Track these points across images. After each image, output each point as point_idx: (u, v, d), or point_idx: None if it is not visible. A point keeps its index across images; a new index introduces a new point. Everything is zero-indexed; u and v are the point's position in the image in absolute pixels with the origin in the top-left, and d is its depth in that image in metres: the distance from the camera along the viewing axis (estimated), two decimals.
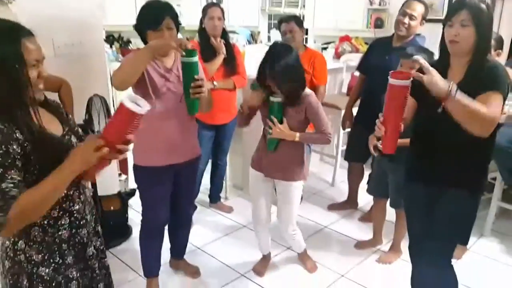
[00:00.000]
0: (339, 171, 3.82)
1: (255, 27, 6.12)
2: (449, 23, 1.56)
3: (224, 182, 3.39)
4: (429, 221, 1.79)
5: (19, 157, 1.05)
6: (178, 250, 2.49)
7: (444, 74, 1.57)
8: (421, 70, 1.49)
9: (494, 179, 2.87)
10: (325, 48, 5.00)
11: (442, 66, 1.63)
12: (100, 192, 2.62)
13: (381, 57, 2.74)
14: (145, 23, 1.86)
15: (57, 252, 1.21)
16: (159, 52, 1.83)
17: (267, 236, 2.47)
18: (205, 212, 3.27)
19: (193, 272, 2.50)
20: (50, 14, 2.37)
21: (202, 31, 2.81)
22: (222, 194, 3.41)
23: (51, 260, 1.20)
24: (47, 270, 1.19)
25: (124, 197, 2.88)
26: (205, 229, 3.02)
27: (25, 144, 1.06)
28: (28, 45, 1.08)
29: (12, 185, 1.02)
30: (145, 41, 1.91)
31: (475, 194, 1.75)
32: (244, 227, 3.05)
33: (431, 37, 4.09)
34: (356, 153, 3.10)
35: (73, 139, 1.24)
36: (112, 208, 2.75)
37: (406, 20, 2.64)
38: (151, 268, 2.29)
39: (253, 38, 6.09)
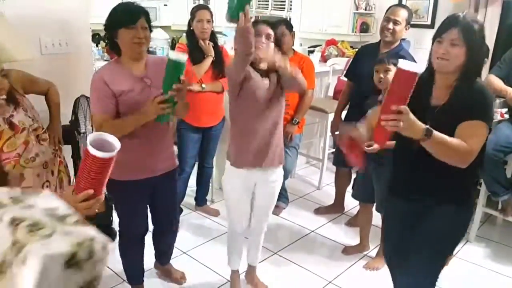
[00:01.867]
0: (326, 174, 3.85)
1: None
2: (439, 39, 1.51)
3: (210, 184, 3.38)
4: (412, 238, 1.73)
5: None
6: (162, 257, 2.46)
7: (428, 91, 1.56)
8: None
9: (479, 184, 2.93)
10: (311, 52, 5.03)
11: (427, 82, 1.57)
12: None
13: (368, 63, 2.77)
14: (118, 21, 1.81)
15: None
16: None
17: (241, 250, 2.34)
18: (191, 215, 3.25)
19: (179, 277, 2.47)
20: (37, 14, 2.32)
21: (190, 33, 2.80)
22: (208, 197, 3.39)
23: None
24: None
25: (108, 199, 2.82)
26: (191, 233, 3.00)
27: None
28: None
29: None
30: (112, 41, 1.85)
31: (464, 210, 1.68)
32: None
33: (415, 41, 4.21)
34: (343, 158, 3.11)
35: None
36: (97, 210, 2.69)
37: (391, 25, 2.68)
38: (133, 276, 2.27)
39: None
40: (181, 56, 1.69)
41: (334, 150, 3.49)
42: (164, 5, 5.60)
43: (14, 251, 0.53)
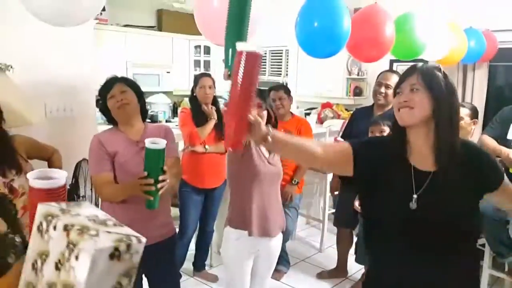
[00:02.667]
0: (327, 236, 3.78)
1: None
2: (398, 91, 1.30)
3: (210, 248, 3.30)
4: None
5: None
6: None
7: (396, 157, 1.30)
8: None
9: (483, 245, 2.88)
10: (308, 114, 5.18)
11: (395, 147, 1.32)
12: None
13: (363, 125, 2.85)
14: (101, 95, 1.97)
15: None
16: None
17: None
18: (189, 281, 3.14)
19: None
20: (43, 80, 2.43)
21: (193, 98, 2.95)
22: (207, 261, 3.30)
23: None
24: None
25: None
26: None
27: None
28: None
29: None
30: (109, 115, 1.95)
31: None
32: None
33: None
34: (344, 219, 3.10)
35: (17, 239, 1.09)
36: None
37: (383, 89, 2.80)
38: None
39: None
40: (158, 143, 1.67)
41: (334, 210, 3.46)
42: (167, 72, 5.84)
43: (69, 250, 0.67)
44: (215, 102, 2.95)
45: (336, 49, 2.32)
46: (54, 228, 0.71)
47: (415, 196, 1.24)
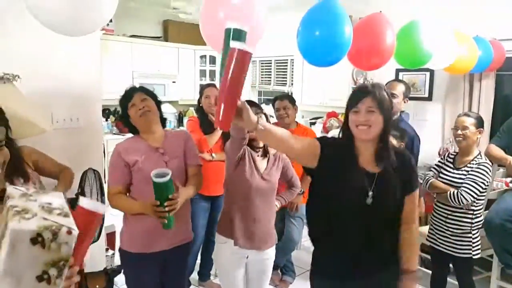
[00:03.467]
0: None
1: None
2: (355, 109, 1.55)
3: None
4: None
5: None
6: None
7: (351, 162, 1.58)
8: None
9: (491, 256, 2.84)
10: (313, 123, 5.18)
11: (347, 153, 1.60)
12: (86, 268, 2.50)
13: None
14: (122, 104, 2.03)
15: None
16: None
17: None
18: None
19: None
20: (50, 90, 2.45)
21: (200, 108, 3.00)
22: (212, 271, 3.28)
23: None
24: None
25: (110, 274, 2.74)
26: None
27: None
28: None
29: None
30: (130, 124, 2.03)
31: None
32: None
33: (414, 114, 4.34)
34: None
35: None
36: (97, 286, 2.60)
37: None
38: None
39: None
40: (164, 175, 1.75)
41: None
42: (173, 82, 5.90)
43: (2, 230, 0.66)
44: None
45: (337, 58, 2.32)
46: (7, 208, 0.71)
47: (371, 193, 1.55)
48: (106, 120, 5.29)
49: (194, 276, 3.20)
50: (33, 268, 0.65)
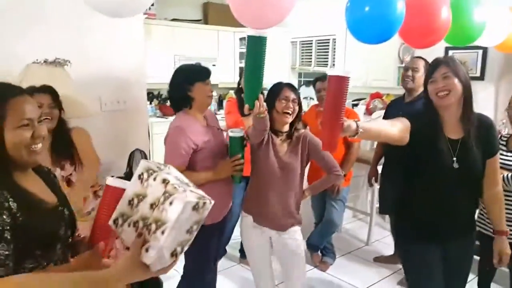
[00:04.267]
0: (375, 230, 3.70)
1: None
2: (431, 79, 1.67)
3: None
4: (447, 277, 1.82)
5: (8, 228, 0.92)
6: None
7: (437, 131, 1.70)
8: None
9: None
10: (355, 105, 5.06)
11: (433, 123, 1.71)
12: None
13: (395, 114, 2.80)
14: (198, 75, 2.01)
15: None
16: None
17: None
18: (236, 268, 3.20)
19: None
20: (98, 74, 2.55)
21: (239, 90, 3.00)
22: None
23: None
24: None
25: None
26: (237, 286, 2.94)
27: (18, 214, 0.95)
28: (16, 105, 1.00)
29: None
30: (184, 95, 1.99)
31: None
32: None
33: None
34: (388, 206, 3.06)
35: (66, 212, 1.13)
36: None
37: (410, 73, 2.85)
38: None
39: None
40: (238, 132, 1.99)
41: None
42: (213, 65, 5.93)
43: (164, 197, 0.91)
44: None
45: (388, 35, 2.21)
46: (154, 179, 0.96)
47: (454, 158, 1.68)
48: (150, 103, 5.44)
49: (237, 254, 3.28)
50: (186, 224, 0.90)
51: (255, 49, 1.60)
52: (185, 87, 1.99)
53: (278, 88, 2.05)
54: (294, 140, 2.07)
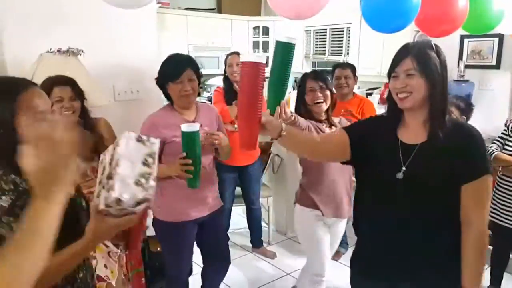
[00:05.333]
0: None
1: (299, 73, 6.26)
2: (394, 74, 1.35)
3: (267, 226, 3.37)
4: None
5: None
6: None
7: (386, 135, 1.39)
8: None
9: None
10: (369, 94, 5.00)
11: (386, 126, 1.42)
12: (148, 232, 2.67)
13: None
14: (166, 76, 1.94)
15: None
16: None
17: None
18: (248, 257, 3.23)
19: None
20: (111, 64, 2.57)
21: (226, 77, 3.05)
22: (265, 239, 3.37)
23: None
24: None
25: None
26: (248, 275, 2.98)
27: None
28: (26, 101, 0.98)
29: None
30: (166, 94, 1.98)
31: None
32: (288, 275, 2.96)
33: (479, 83, 4.04)
34: None
35: (82, 202, 1.14)
36: (158, 249, 2.77)
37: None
38: None
39: (297, 84, 6.22)
40: (193, 126, 1.75)
41: None
42: (225, 54, 5.93)
43: (113, 147, 0.96)
44: None
45: (404, 24, 2.19)
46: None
47: (403, 168, 1.33)
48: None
49: (249, 243, 3.30)
50: (139, 156, 0.95)
51: (283, 55, 1.55)
52: (163, 85, 1.97)
53: (302, 81, 2.11)
54: (338, 127, 2.10)
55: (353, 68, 3.05)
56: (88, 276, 1.16)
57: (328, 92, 2.04)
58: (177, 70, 1.91)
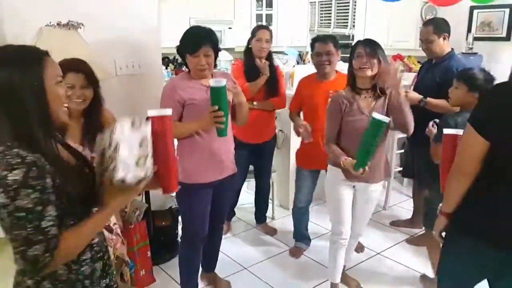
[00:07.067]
0: (392, 194, 3.68)
1: (303, 47, 6.16)
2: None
3: (271, 202, 3.38)
4: None
5: (52, 190, 1.00)
6: (209, 263, 2.52)
7: None
8: None
9: None
10: None
11: None
12: (153, 207, 2.69)
13: (427, 77, 2.82)
14: (185, 48, 2.02)
15: None
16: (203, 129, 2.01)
17: (343, 258, 2.36)
18: (252, 231, 3.26)
19: (225, 286, 2.53)
20: (112, 38, 2.52)
21: (248, 51, 2.88)
22: (269, 214, 3.39)
23: None
24: None
25: (175, 212, 2.93)
26: (252, 249, 3.01)
27: (55, 177, 1.01)
28: (50, 62, 1.05)
29: (51, 223, 0.98)
30: (185, 62, 2.06)
31: None
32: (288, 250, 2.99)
33: (488, 55, 3.95)
34: (411, 170, 3.06)
35: (86, 169, 1.17)
36: (163, 223, 2.80)
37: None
38: (190, 285, 2.33)
39: (301, 58, 6.12)
40: (220, 81, 1.83)
41: (400, 168, 3.36)
42: (229, 28, 5.81)
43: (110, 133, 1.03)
44: (269, 57, 2.86)
45: None
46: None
47: None
48: (166, 68, 5.40)
49: (252, 218, 3.33)
50: (135, 138, 1.03)
51: (376, 131, 1.84)
52: (182, 56, 2.06)
53: (354, 47, 2.11)
54: (381, 97, 2.10)
55: (335, 42, 2.58)
56: (102, 239, 1.26)
57: (375, 60, 2.02)
58: (194, 45, 1.96)
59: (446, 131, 1.74)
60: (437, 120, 2.20)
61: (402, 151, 3.46)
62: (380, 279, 2.65)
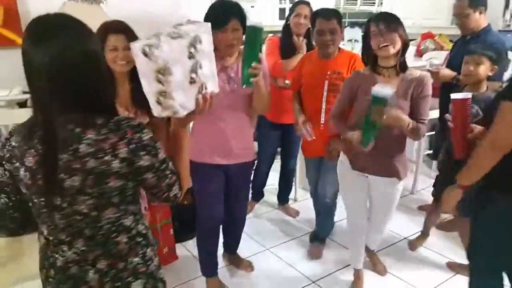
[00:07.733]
0: (420, 178, 3.56)
1: None
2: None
3: (294, 184, 3.33)
4: None
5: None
6: (230, 246, 2.51)
7: None
8: None
9: None
10: None
11: None
12: None
13: (457, 52, 2.67)
14: (211, 22, 1.83)
15: None
16: None
17: (363, 246, 2.31)
18: (274, 212, 3.23)
19: (246, 266, 2.51)
20: (134, 12, 2.46)
21: (286, 27, 2.73)
22: (291, 196, 3.34)
23: None
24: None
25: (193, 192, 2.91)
26: (274, 230, 2.98)
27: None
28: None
29: (171, 162, 1.10)
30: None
31: None
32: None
33: None
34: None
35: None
36: (185, 202, 2.78)
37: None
38: (209, 268, 2.30)
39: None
40: (259, 22, 1.72)
41: (430, 151, 3.23)
42: (251, 6, 5.68)
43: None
44: (308, 35, 2.70)
45: None
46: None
47: None
48: None
49: (275, 200, 3.29)
50: (151, 73, 1.01)
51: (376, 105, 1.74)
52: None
53: (367, 26, 1.89)
54: (406, 80, 1.88)
55: (339, 17, 2.26)
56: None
57: (394, 35, 1.79)
58: (224, 17, 1.81)
59: (454, 95, 1.74)
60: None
61: (432, 133, 3.31)
62: (407, 264, 2.58)
